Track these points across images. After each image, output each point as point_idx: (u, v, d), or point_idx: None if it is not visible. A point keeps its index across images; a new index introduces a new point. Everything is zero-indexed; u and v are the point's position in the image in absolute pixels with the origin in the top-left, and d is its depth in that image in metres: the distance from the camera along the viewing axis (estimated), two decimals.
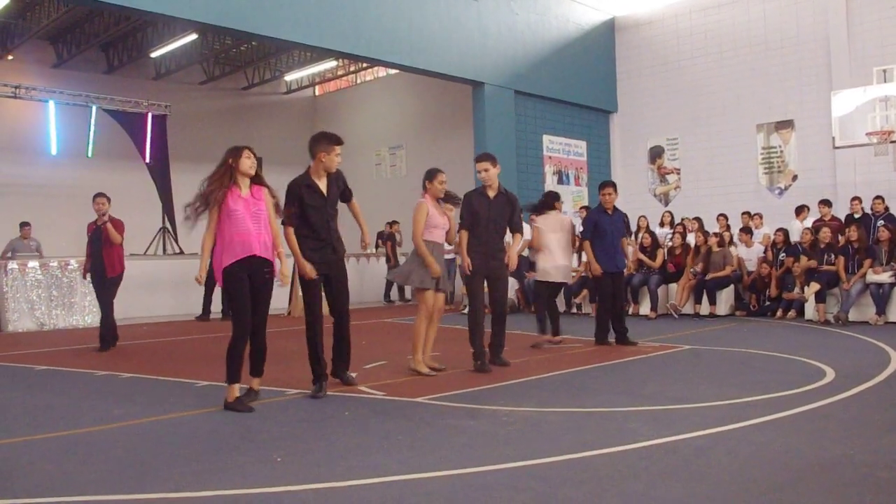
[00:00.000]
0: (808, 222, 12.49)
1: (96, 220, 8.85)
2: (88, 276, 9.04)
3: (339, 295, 6.09)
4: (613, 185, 8.74)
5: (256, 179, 5.38)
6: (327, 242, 5.93)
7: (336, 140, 5.95)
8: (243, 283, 5.23)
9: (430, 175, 6.72)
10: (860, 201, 12.08)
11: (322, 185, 5.92)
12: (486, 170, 7.13)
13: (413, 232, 6.61)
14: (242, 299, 5.24)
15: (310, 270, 5.77)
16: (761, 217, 13.53)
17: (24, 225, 13.52)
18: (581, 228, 9.17)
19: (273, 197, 5.48)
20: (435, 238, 6.66)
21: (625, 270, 9.08)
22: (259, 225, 5.27)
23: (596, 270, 8.46)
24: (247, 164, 5.28)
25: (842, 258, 10.49)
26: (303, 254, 5.83)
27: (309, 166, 5.96)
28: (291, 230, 5.85)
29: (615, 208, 8.65)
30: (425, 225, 6.56)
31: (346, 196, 6.15)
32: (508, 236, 7.40)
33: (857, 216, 11.85)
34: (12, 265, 12.16)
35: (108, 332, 8.99)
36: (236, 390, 5.24)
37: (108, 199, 8.90)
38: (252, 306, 5.30)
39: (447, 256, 7.76)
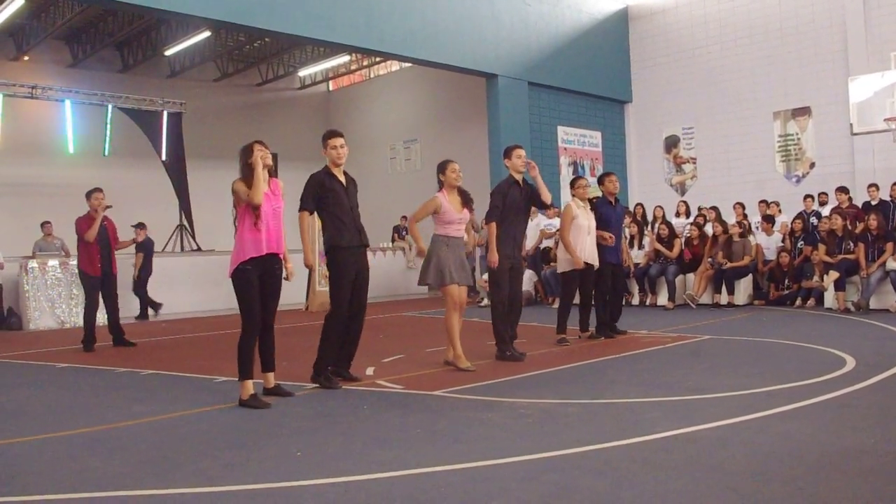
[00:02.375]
0: (826, 210, 12.39)
1: (90, 214, 8.85)
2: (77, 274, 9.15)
3: (362, 289, 6.06)
4: (615, 174, 8.74)
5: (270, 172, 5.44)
6: (354, 226, 5.94)
7: (330, 133, 6.03)
8: (254, 281, 5.26)
9: (442, 166, 6.60)
10: (877, 188, 11.93)
11: (340, 178, 5.99)
12: (525, 156, 7.06)
13: (412, 216, 6.62)
14: (252, 297, 5.26)
15: (312, 260, 5.86)
16: (778, 205, 13.41)
17: (44, 224, 13.61)
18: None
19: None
20: (451, 233, 6.50)
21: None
22: (277, 222, 5.33)
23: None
24: (260, 154, 5.25)
25: (862, 245, 10.39)
26: (336, 244, 5.86)
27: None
28: (306, 214, 5.89)
29: (617, 200, 8.63)
30: (440, 220, 6.47)
31: None
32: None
33: (874, 203, 11.73)
34: (32, 264, 12.27)
35: (117, 328, 9.12)
36: (250, 387, 5.25)
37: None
38: (263, 303, 5.34)
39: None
